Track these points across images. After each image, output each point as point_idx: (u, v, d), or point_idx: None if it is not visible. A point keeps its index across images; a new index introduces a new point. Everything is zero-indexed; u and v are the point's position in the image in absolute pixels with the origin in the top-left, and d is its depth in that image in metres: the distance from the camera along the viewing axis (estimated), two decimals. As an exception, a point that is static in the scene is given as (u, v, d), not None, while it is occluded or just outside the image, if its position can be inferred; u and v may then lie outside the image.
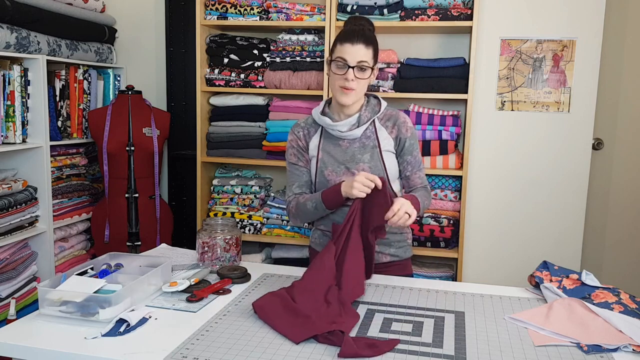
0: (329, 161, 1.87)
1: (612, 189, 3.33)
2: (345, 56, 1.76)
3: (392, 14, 2.83)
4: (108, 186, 3.02)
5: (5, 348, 1.28)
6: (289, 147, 1.95)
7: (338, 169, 1.86)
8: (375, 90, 2.90)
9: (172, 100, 3.40)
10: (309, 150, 1.92)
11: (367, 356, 1.24)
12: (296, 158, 1.93)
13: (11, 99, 2.65)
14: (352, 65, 1.75)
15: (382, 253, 1.91)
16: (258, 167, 3.35)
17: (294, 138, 1.94)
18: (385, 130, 1.88)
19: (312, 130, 1.93)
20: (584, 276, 1.61)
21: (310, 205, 1.82)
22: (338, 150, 1.87)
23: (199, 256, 1.81)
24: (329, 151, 1.88)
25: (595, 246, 3.34)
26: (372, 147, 1.86)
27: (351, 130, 1.84)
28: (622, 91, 3.24)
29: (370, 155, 1.84)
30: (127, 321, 1.36)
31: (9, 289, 2.68)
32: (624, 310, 1.45)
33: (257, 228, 3.11)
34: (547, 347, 1.30)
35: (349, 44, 1.76)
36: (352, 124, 1.85)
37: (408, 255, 1.98)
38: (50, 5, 2.79)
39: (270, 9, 2.98)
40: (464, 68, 2.82)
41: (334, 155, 1.87)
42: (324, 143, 1.89)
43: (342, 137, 1.87)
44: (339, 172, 1.85)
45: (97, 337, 1.31)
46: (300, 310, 1.41)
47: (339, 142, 1.88)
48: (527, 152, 2.91)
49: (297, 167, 1.93)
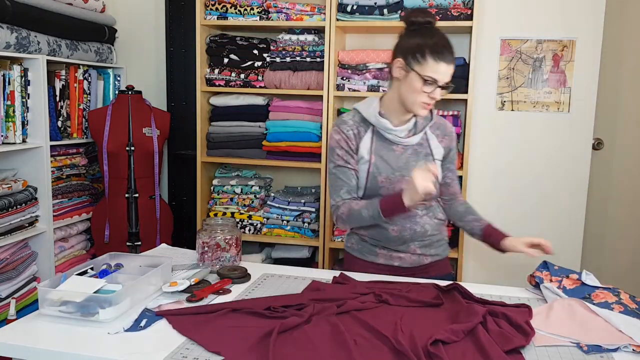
0: (382, 167, 1.79)
1: (612, 189, 3.33)
2: (437, 76, 1.68)
3: (392, 14, 2.83)
4: (108, 186, 3.02)
5: (5, 348, 1.28)
6: (336, 147, 1.81)
7: (392, 176, 1.78)
8: (375, 90, 2.90)
9: (172, 100, 3.40)
10: (358, 151, 1.81)
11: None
12: (344, 160, 1.80)
13: (11, 99, 2.65)
14: (441, 85, 1.69)
15: (423, 255, 1.87)
16: (258, 167, 3.35)
17: (343, 138, 1.80)
18: (435, 139, 1.85)
19: (362, 130, 1.81)
20: (584, 276, 1.61)
21: (366, 213, 1.72)
22: (392, 156, 1.80)
23: (199, 256, 1.81)
24: (383, 156, 1.79)
25: (595, 246, 3.34)
26: (425, 155, 1.82)
27: (409, 137, 1.79)
28: (622, 91, 3.24)
29: (424, 163, 1.78)
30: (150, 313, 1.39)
31: (9, 289, 2.67)
32: (624, 310, 1.45)
33: (257, 228, 3.11)
34: (547, 347, 1.30)
35: (444, 64, 1.68)
36: (409, 130, 1.80)
37: (447, 253, 1.96)
38: (50, 5, 2.79)
39: (270, 9, 2.98)
40: (464, 68, 2.81)
41: (387, 161, 1.79)
42: (377, 146, 1.80)
43: (396, 142, 1.80)
44: (393, 179, 1.78)
45: (120, 332, 1.33)
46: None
47: (392, 146, 1.80)
48: (527, 152, 2.91)
49: (345, 170, 1.81)
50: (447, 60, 1.68)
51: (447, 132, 1.89)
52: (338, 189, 1.81)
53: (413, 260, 1.86)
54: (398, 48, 1.76)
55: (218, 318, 1.39)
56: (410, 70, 1.70)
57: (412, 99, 1.71)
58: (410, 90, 1.71)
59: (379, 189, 1.78)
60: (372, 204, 1.72)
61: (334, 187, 1.83)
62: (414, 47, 1.69)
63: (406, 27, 1.78)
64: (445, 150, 1.88)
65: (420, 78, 1.68)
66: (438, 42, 1.69)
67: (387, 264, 1.86)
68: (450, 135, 1.89)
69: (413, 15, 1.76)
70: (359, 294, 1.54)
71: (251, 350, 1.23)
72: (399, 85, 1.75)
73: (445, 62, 1.68)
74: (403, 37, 1.77)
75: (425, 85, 1.68)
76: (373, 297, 1.53)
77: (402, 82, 1.73)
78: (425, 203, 1.80)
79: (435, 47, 1.68)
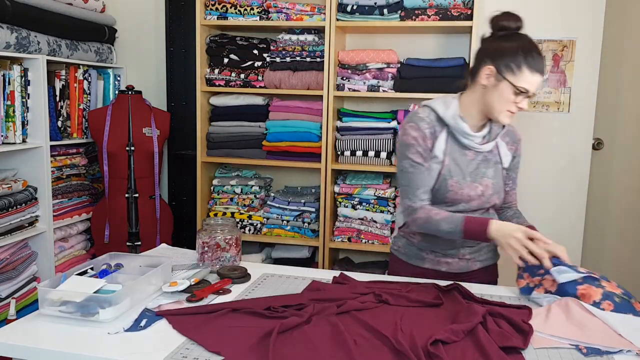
0: (454, 170, 1.73)
1: (612, 189, 3.33)
2: (530, 87, 1.62)
3: (392, 14, 2.83)
4: (108, 186, 3.02)
5: (5, 348, 1.28)
6: (413, 144, 1.71)
7: (463, 181, 1.73)
8: (375, 91, 2.90)
9: (172, 100, 3.40)
10: (432, 151, 1.73)
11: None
12: (422, 158, 1.72)
13: (11, 99, 2.65)
14: (530, 95, 1.65)
15: (473, 260, 1.83)
16: (258, 167, 3.35)
17: (420, 135, 1.72)
18: (505, 146, 1.81)
19: (437, 129, 1.73)
20: (555, 275, 1.55)
21: (446, 227, 1.65)
22: (464, 160, 1.74)
23: (199, 256, 1.81)
24: (456, 159, 1.73)
25: (595, 246, 3.34)
26: (495, 162, 1.78)
27: (483, 144, 1.75)
28: (622, 91, 3.24)
29: (493, 171, 1.77)
30: (150, 313, 1.39)
31: (9, 289, 2.68)
32: (615, 307, 1.44)
33: (257, 228, 3.11)
34: (548, 349, 1.30)
35: (539, 76, 1.62)
36: (483, 136, 1.75)
37: (496, 259, 1.90)
38: (50, 5, 2.79)
39: (270, 9, 2.98)
40: (464, 68, 2.82)
41: (460, 165, 1.73)
42: (451, 148, 1.74)
43: (470, 147, 1.74)
44: (463, 184, 1.73)
45: (120, 332, 1.32)
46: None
47: (465, 151, 1.75)
48: (527, 152, 2.90)
49: (422, 170, 1.72)
50: (542, 71, 1.63)
51: (516, 139, 1.84)
52: (415, 189, 1.72)
53: (461, 266, 1.82)
54: (486, 53, 1.68)
55: (218, 318, 1.39)
56: (503, 80, 1.63)
57: (500, 108, 1.66)
58: (499, 99, 1.65)
59: (447, 192, 1.73)
60: (454, 220, 1.65)
61: (410, 186, 1.73)
62: (508, 55, 1.63)
63: (493, 31, 1.71)
64: (512, 158, 1.84)
65: (512, 88, 1.62)
66: (533, 51, 1.62)
67: (434, 268, 1.83)
68: (518, 142, 1.85)
69: (504, 20, 1.68)
70: (359, 294, 1.54)
71: (251, 350, 1.23)
72: (484, 92, 1.68)
73: (540, 73, 1.63)
74: (490, 41, 1.70)
75: (515, 95, 1.63)
76: (373, 297, 1.52)
77: (489, 89, 1.67)
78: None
79: (531, 57, 1.61)
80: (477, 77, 1.69)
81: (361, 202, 2.98)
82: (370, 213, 2.96)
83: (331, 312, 1.41)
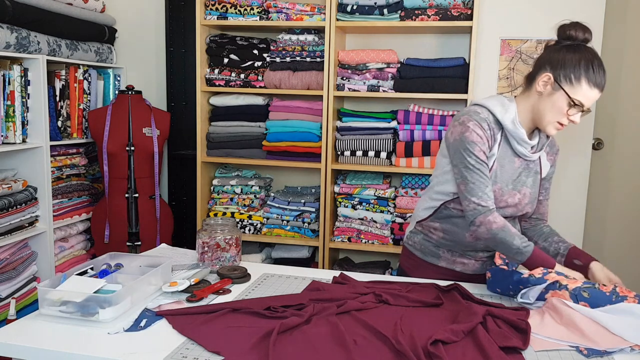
0: (501, 176, 1.70)
1: (612, 189, 3.33)
2: (586, 102, 1.59)
3: (392, 14, 2.83)
4: (108, 186, 3.02)
5: (5, 348, 1.28)
6: (479, 142, 1.64)
7: (506, 188, 1.70)
8: (375, 91, 2.90)
9: (172, 100, 3.40)
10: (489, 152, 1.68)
11: None
12: (486, 156, 1.66)
13: (11, 99, 2.65)
14: (585, 110, 1.61)
15: (487, 263, 1.81)
16: (258, 167, 3.35)
17: (485, 135, 1.65)
18: (545, 156, 1.79)
19: (496, 132, 1.68)
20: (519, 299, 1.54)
21: (515, 246, 1.58)
22: (511, 167, 1.72)
23: (199, 256, 1.81)
24: (504, 165, 1.71)
25: (595, 246, 3.34)
26: (535, 172, 1.76)
27: (533, 153, 1.72)
28: (622, 91, 3.24)
29: (532, 180, 1.75)
30: (150, 313, 1.39)
31: (9, 289, 2.68)
32: (590, 303, 1.43)
33: (257, 228, 3.11)
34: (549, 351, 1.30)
35: (597, 91, 1.59)
36: (532, 145, 1.72)
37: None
38: (50, 5, 2.79)
39: (270, 9, 2.98)
40: (464, 68, 2.82)
41: (507, 171, 1.71)
42: (502, 153, 1.70)
43: (519, 154, 1.71)
44: (505, 191, 1.70)
45: (120, 332, 1.32)
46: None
47: (514, 157, 1.72)
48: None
49: (486, 168, 1.65)
50: (601, 87, 1.59)
51: (555, 150, 1.83)
52: (483, 187, 1.64)
53: (476, 268, 1.81)
54: (547, 61, 1.64)
55: (218, 318, 1.39)
56: (559, 89, 1.60)
57: (550, 118, 1.63)
58: (552, 108, 1.62)
59: None
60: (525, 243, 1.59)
61: (476, 184, 1.63)
62: (569, 66, 1.59)
63: (559, 39, 1.66)
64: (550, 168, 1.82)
65: (567, 99, 1.59)
66: (596, 65, 1.58)
67: (449, 267, 1.82)
68: (557, 153, 1.83)
69: (572, 29, 1.63)
70: (358, 294, 1.54)
71: (251, 350, 1.23)
72: (538, 99, 1.65)
73: (599, 88, 1.59)
74: (553, 49, 1.65)
75: (569, 107, 1.59)
76: (373, 297, 1.53)
77: (544, 97, 1.63)
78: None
79: (592, 71, 1.57)
80: (534, 83, 1.66)
81: (361, 202, 2.98)
82: (370, 213, 2.97)
83: (331, 312, 1.42)
